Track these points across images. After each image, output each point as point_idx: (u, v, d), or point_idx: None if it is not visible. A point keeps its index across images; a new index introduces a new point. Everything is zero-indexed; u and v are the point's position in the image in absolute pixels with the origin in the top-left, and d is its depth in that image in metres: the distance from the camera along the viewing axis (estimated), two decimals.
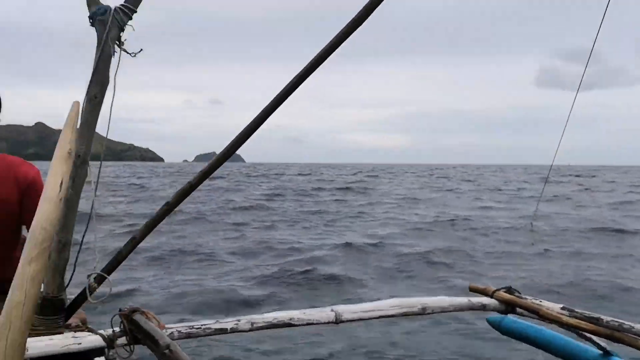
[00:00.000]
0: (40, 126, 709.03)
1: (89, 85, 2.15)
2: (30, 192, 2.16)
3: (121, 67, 1.92)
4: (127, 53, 2.13)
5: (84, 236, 1.83)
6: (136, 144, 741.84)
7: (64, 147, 1.66)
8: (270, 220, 17.86)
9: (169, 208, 1.93)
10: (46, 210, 1.39)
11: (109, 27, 2.08)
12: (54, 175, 1.50)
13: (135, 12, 2.15)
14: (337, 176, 65.56)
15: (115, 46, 2.09)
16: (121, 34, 2.14)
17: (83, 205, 1.85)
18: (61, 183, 1.49)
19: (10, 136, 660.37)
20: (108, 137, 2.36)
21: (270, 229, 15.75)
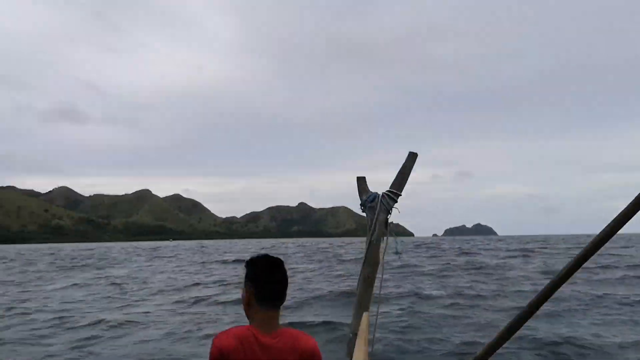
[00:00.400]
0: (302, 206, 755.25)
1: (362, 267, 2.47)
2: None
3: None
4: (397, 254, 2.52)
5: None
6: None
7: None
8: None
9: (531, 310, 1.82)
10: None
11: (377, 212, 2.31)
12: None
13: (400, 195, 2.39)
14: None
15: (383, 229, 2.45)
16: (388, 217, 2.40)
17: None
18: None
19: (279, 216, 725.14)
20: (361, 214, 3.21)
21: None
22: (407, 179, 3.19)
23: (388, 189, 3.05)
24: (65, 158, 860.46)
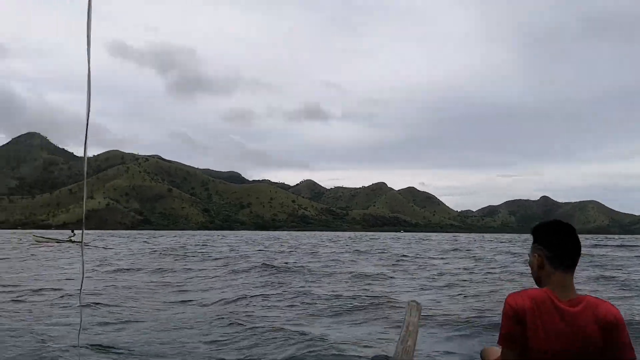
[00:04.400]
0: (545, 200, 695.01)
1: None
2: (612, 333, 2.14)
3: None
4: None
5: None
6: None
7: None
8: None
9: None
10: None
11: None
12: None
13: None
14: None
15: None
16: None
17: None
18: None
19: (518, 210, 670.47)
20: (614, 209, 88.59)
21: None
22: None
23: None
24: (310, 153, 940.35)
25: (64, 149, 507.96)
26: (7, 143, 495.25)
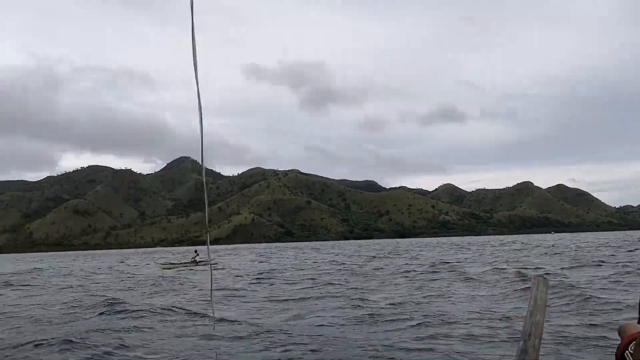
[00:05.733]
0: None
1: None
2: None
3: None
4: None
5: None
6: None
7: None
8: None
9: None
10: None
11: None
12: None
13: None
14: None
15: None
16: None
17: None
18: None
19: None
20: None
21: None
22: None
23: None
24: (447, 157, 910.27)
25: (211, 169, 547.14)
26: (163, 168, 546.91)
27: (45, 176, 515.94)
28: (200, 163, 2.76)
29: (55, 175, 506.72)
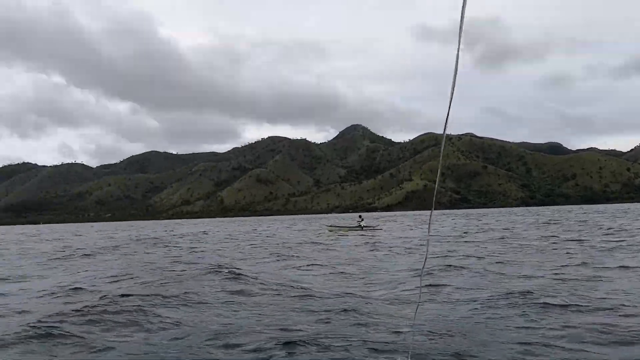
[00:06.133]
0: None
1: None
2: None
3: None
4: None
5: None
6: None
7: None
8: None
9: None
10: None
11: None
12: None
13: None
14: None
15: None
16: None
17: None
18: None
19: None
20: None
21: None
22: None
23: None
24: None
25: (382, 136, 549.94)
26: (335, 137, 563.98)
27: (232, 147, 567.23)
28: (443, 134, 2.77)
29: (240, 146, 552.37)
